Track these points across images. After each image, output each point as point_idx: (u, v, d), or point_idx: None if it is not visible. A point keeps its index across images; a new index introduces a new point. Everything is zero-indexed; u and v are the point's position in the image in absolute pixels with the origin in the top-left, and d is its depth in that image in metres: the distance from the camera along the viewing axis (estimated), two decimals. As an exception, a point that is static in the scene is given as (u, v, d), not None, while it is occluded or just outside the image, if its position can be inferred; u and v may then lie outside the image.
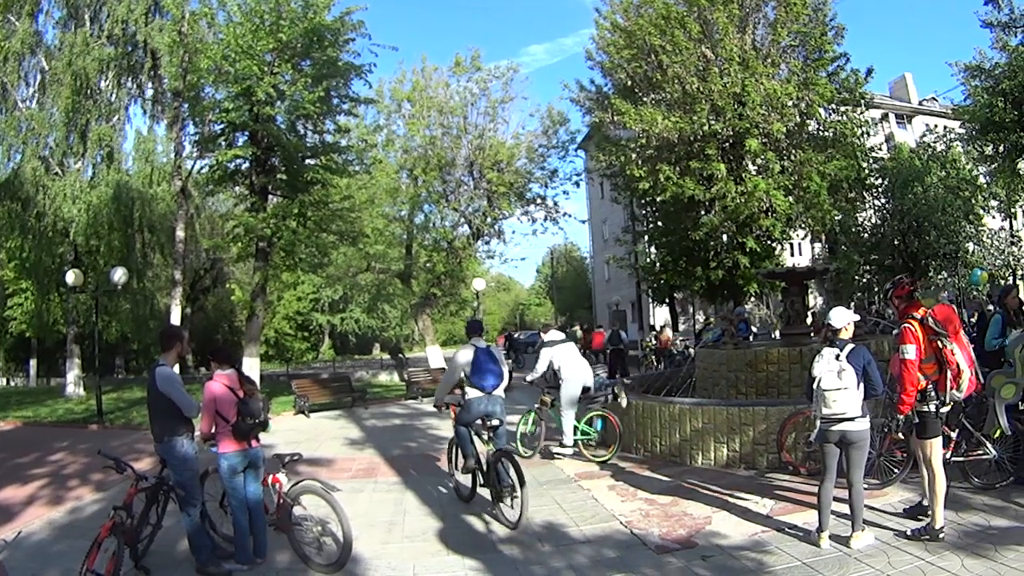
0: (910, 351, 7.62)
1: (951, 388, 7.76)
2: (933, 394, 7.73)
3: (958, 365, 7.82)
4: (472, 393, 10.13)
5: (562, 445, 13.50)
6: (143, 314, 38.17)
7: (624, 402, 13.62)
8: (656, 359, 30.79)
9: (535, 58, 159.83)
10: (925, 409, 7.69)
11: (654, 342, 31.62)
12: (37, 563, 8.23)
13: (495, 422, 9.91)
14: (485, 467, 9.86)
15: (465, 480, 10.57)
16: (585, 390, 13.63)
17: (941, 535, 7.58)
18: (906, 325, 7.76)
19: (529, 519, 9.15)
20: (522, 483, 8.95)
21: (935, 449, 7.73)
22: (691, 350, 28.02)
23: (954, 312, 8.49)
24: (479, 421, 9.99)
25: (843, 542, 7.41)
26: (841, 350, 7.53)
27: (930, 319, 7.86)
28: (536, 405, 14.24)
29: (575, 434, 13.43)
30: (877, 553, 7.20)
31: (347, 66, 22.82)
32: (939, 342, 7.78)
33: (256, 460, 7.95)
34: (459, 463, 10.54)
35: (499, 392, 10.21)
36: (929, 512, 7.87)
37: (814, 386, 7.50)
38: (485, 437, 9.89)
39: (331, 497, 7.68)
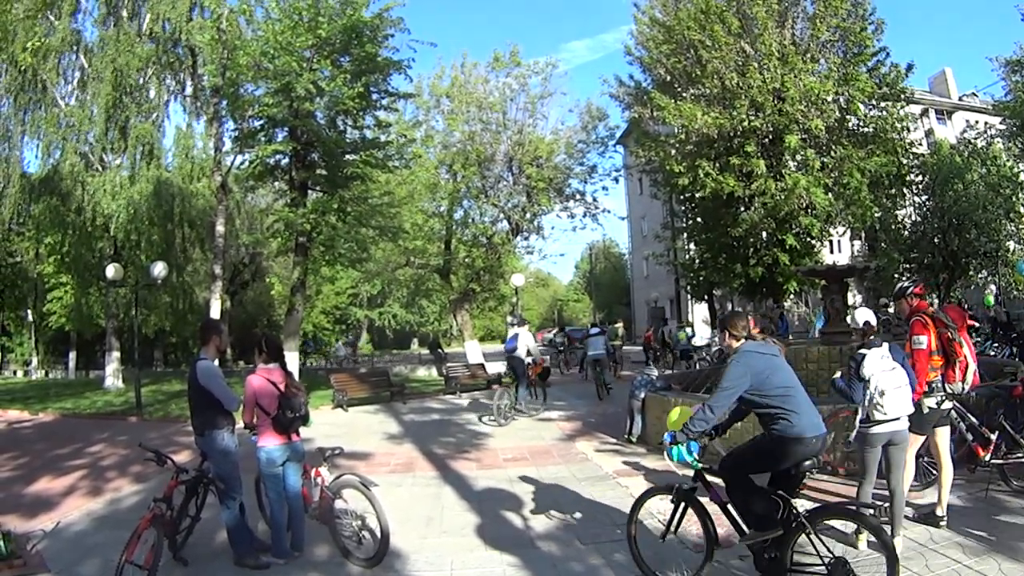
0: (923, 341, 7.87)
1: (958, 379, 8.03)
2: (940, 387, 7.93)
3: (966, 357, 8.07)
4: None
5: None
6: (182, 308, 38.51)
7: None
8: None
9: (576, 54, 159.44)
10: (929, 403, 7.84)
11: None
12: (76, 553, 8.32)
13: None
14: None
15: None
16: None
17: (942, 523, 7.83)
18: (917, 318, 8.03)
19: (567, 516, 9.28)
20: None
21: (943, 440, 7.98)
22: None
23: (962, 313, 8.73)
24: None
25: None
26: (880, 348, 7.47)
27: (941, 313, 8.20)
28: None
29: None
30: (914, 555, 7.12)
31: (386, 62, 22.81)
32: (949, 334, 8.04)
33: (297, 454, 7.97)
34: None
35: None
36: (940, 514, 7.96)
37: (871, 388, 7.22)
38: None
39: (369, 492, 7.71)
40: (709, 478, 6.77)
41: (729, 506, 6.63)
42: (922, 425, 7.79)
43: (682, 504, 6.92)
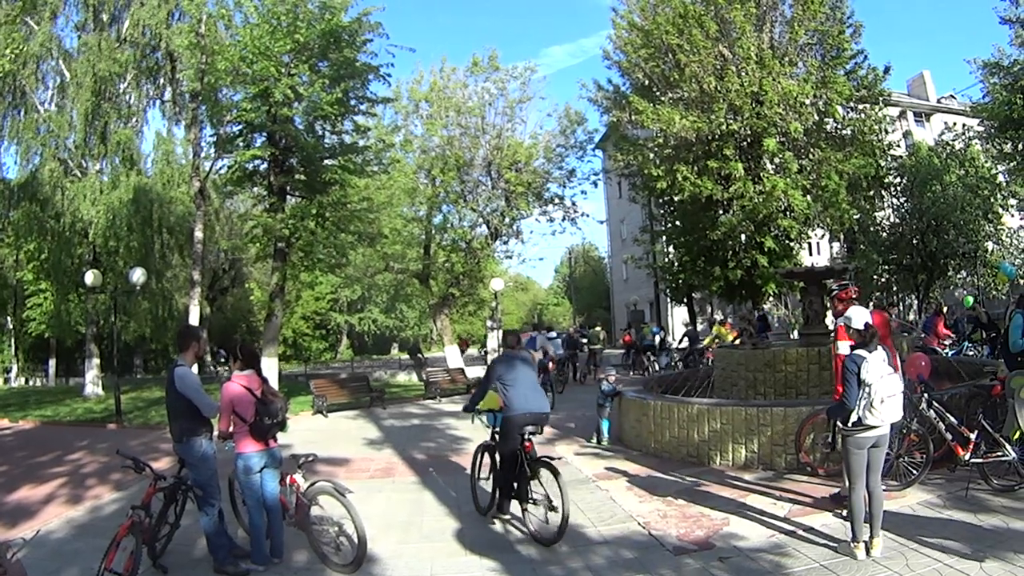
0: (844, 347, 8.20)
1: None
2: None
3: None
4: None
5: None
6: (162, 314, 38.31)
7: None
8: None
9: (556, 59, 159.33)
10: None
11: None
12: (56, 561, 8.30)
13: None
14: None
15: None
16: None
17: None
18: (841, 323, 8.34)
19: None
20: None
21: None
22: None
23: (886, 319, 9.12)
24: None
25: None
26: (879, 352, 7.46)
27: None
28: None
29: None
30: (895, 555, 7.16)
31: (364, 67, 22.78)
32: None
33: (274, 460, 7.98)
34: None
35: None
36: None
37: (871, 394, 7.14)
38: None
39: (344, 498, 7.74)
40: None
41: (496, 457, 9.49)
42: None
43: (484, 454, 10.10)
